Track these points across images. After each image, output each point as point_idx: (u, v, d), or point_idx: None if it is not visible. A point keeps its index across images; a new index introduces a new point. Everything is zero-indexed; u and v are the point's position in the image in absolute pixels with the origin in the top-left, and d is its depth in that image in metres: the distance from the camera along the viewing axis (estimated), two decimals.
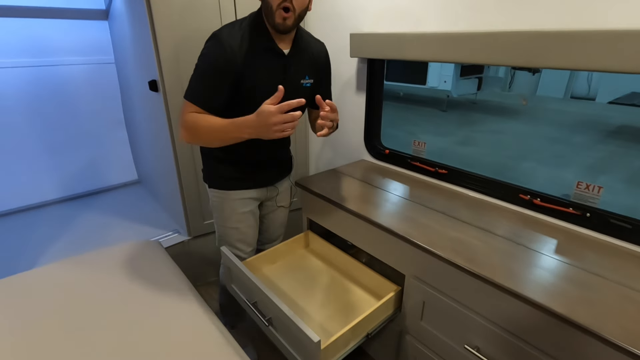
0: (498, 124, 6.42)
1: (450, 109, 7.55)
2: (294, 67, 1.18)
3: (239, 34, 1.09)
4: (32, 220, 2.11)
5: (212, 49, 1.08)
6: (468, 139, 5.73)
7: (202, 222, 1.91)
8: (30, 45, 1.96)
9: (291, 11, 1.04)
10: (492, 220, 1.21)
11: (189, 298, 1.00)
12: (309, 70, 1.23)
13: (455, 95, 7.35)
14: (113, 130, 2.44)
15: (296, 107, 0.96)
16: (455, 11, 1.25)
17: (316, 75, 1.26)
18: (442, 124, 6.88)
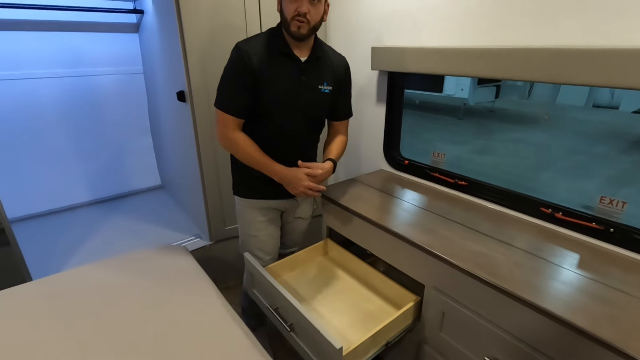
0: (517, 132, 6.34)
1: (467, 117, 7.49)
2: (311, 72, 1.26)
3: (257, 42, 1.21)
4: (63, 222, 2.21)
5: (233, 57, 1.20)
6: (486, 147, 5.67)
7: (223, 227, 1.97)
8: (66, 57, 2.08)
9: (305, 21, 1.13)
10: (513, 234, 1.21)
11: (215, 301, 1.04)
12: (327, 77, 1.29)
13: (472, 103, 7.28)
14: (139, 137, 2.54)
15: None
16: (476, 27, 1.27)
17: (335, 84, 1.32)
18: (458, 132, 6.83)
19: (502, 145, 5.68)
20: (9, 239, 1.45)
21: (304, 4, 1.11)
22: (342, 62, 1.35)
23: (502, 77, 1.18)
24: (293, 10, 1.13)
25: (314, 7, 1.14)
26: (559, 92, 7.85)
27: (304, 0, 1.11)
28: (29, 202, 2.22)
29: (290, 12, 1.13)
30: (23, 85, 1.98)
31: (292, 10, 1.13)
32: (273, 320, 1.25)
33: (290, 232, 1.59)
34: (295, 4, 1.12)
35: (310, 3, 1.12)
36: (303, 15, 1.12)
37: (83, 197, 2.41)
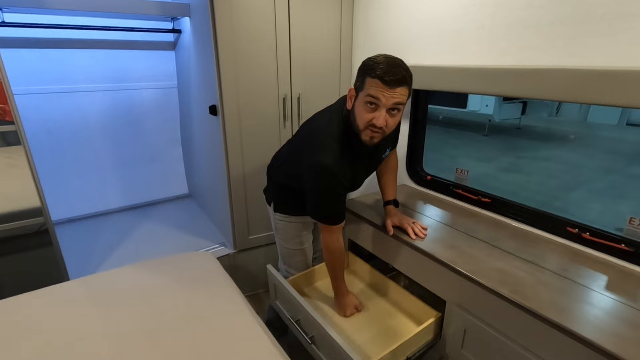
0: (545, 150, 6.17)
1: (492, 134, 7.36)
2: (376, 150, 1.26)
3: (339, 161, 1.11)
4: (99, 226, 2.34)
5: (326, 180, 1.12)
6: (512, 165, 5.55)
7: (247, 237, 2.02)
8: (110, 72, 2.25)
9: (380, 132, 1.05)
10: (538, 253, 1.20)
11: (242, 308, 1.09)
12: (388, 142, 1.31)
13: (498, 119, 7.17)
14: (170, 147, 2.67)
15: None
16: (501, 47, 1.30)
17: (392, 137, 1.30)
18: (483, 148, 6.72)
19: (530, 163, 5.54)
20: (52, 239, 1.56)
21: (381, 117, 1.01)
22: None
23: (527, 97, 1.19)
24: (368, 120, 1.03)
25: (393, 117, 1.04)
26: (590, 110, 7.62)
27: (382, 112, 1.01)
28: (70, 205, 2.37)
29: (365, 120, 1.04)
30: (71, 98, 2.15)
31: (368, 119, 1.03)
32: (295, 332, 1.28)
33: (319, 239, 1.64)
34: (371, 114, 1.02)
35: (389, 114, 1.02)
36: (379, 127, 1.03)
37: (117, 203, 2.55)
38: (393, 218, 1.36)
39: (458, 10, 1.41)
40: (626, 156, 5.48)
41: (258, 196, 1.96)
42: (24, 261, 1.54)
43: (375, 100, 1.00)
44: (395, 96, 0.99)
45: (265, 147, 1.89)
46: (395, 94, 0.98)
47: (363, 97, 1.03)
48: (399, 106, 1.02)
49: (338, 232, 1.25)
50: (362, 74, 1.03)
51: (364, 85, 1.02)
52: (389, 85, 0.97)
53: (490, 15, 1.31)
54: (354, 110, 1.08)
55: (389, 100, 0.99)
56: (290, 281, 1.44)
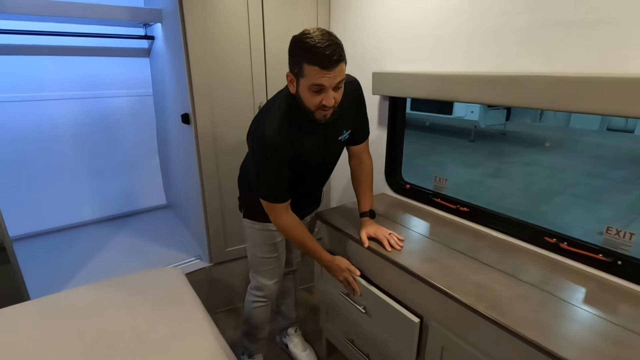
0: (529, 155, 6.24)
1: (478, 140, 7.43)
2: (333, 128, 1.22)
3: (281, 129, 1.10)
4: (70, 239, 2.24)
5: (265, 152, 1.11)
6: (498, 170, 5.59)
7: (224, 249, 1.95)
8: (81, 80, 2.17)
9: (331, 109, 1.06)
10: (517, 264, 1.16)
11: (204, 329, 1.02)
12: (345, 124, 1.26)
13: (483, 125, 7.24)
14: (147, 157, 2.59)
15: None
16: (477, 54, 1.27)
17: (352, 121, 1.27)
18: (470, 154, 6.77)
19: (514, 168, 5.59)
20: (9, 257, 1.46)
21: (329, 96, 1.02)
22: (354, 92, 1.24)
23: (502, 104, 1.16)
24: (318, 103, 1.03)
25: (337, 94, 1.05)
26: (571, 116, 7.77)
27: (329, 92, 1.01)
28: (39, 218, 2.26)
29: (314, 104, 1.04)
30: (40, 106, 2.06)
31: (317, 102, 1.03)
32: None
33: (294, 250, 1.63)
34: (319, 96, 1.02)
35: (335, 91, 1.03)
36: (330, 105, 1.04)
37: (91, 215, 2.45)
38: (369, 229, 1.31)
39: (435, 17, 1.39)
40: (606, 160, 5.58)
41: (234, 207, 1.89)
42: None
43: (320, 87, 1.00)
44: (337, 76, 1.00)
45: (241, 156, 1.82)
46: (335, 73, 0.99)
47: (306, 85, 1.02)
48: (342, 83, 1.04)
49: (282, 211, 1.20)
50: (298, 60, 1.00)
51: (303, 72, 1.00)
52: (328, 69, 0.97)
53: (466, 21, 1.28)
54: (299, 95, 1.07)
55: (332, 81, 1.00)
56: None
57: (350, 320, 1.45)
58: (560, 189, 4.45)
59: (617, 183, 4.65)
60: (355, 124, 1.30)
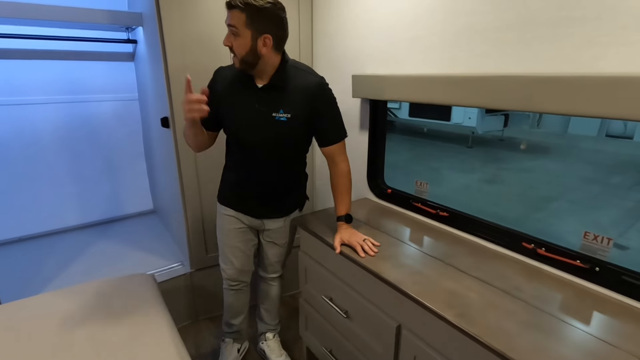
0: (527, 161, 6.19)
1: (476, 146, 7.40)
2: (266, 100, 1.23)
3: (232, 68, 1.25)
4: (52, 245, 2.21)
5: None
6: (494, 176, 5.54)
7: (205, 254, 1.92)
8: (64, 84, 2.15)
9: (234, 55, 1.17)
10: (492, 271, 1.12)
11: (165, 341, 0.98)
12: (284, 104, 1.23)
13: (481, 132, 7.21)
14: (133, 162, 2.57)
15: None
16: (451, 54, 1.25)
17: (298, 111, 1.23)
18: (467, 160, 6.72)
19: (511, 174, 5.55)
20: None
21: (225, 38, 1.14)
22: (310, 84, 1.23)
23: (480, 106, 1.13)
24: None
25: (235, 40, 1.13)
26: (570, 122, 7.74)
27: (227, 34, 1.14)
28: (21, 225, 2.23)
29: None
30: (20, 111, 2.05)
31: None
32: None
33: (265, 257, 1.58)
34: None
35: (232, 36, 1.13)
36: (230, 48, 1.15)
37: (75, 221, 2.42)
38: (343, 235, 1.28)
39: (410, 18, 1.37)
40: (605, 166, 5.53)
41: (215, 212, 1.86)
42: None
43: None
44: (228, 18, 1.11)
45: (221, 160, 1.81)
46: (228, 15, 1.11)
47: None
48: (232, 29, 1.11)
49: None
50: None
51: None
52: (227, 8, 1.10)
53: (439, 21, 1.26)
54: None
55: (226, 21, 1.12)
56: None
57: (332, 326, 1.41)
58: (557, 195, 4.40)
59: (615, 189, 4.60)
60: (318, 122, 1.28)
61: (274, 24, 1.14)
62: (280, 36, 1.17)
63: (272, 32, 1.13)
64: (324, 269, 1.40)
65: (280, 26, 1.16)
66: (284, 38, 1.20)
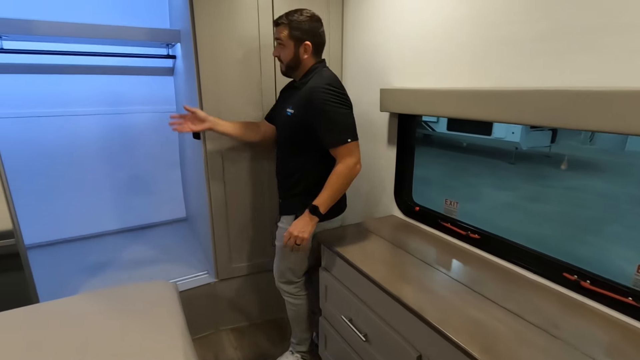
0: (576, 180, 5.75)
1: (519, 162, 7.00)
2: (288, 97, 1.48)
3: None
4: (90, 247, 2.34)
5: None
6: (538, 194, 5.19)
7: (229, 265, 1.93)
8: (107, 97, 2.31)
9: (281, 62, 1.42)
10: (526, 301, 1.02)
11: (174, 351, 0.98)
12: (294, 102, 1.40)
13: (525, 147, 6.82)
14: (169, 171, 2.68)
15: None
16: (482, 68, 1.18)
17: (299, 109, 1.36)
18: (508, 177, 6.37)
19: (558, 192, 5.17)
20: (23, 264, 1.53)
21: (275, 49, 1.41)
22: (307, 89, 1.32)
23: (512, 122, 1.06)
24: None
25: (282, 50, 1.37)
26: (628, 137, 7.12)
27: (276, 46, 1.39)
28: (64, 227, 2.39)
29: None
30: (68, 122, 2.21)
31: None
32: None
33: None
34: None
35: (279, 47, 1.38)
36: (277, 57, 1.41)
37: (113, 225, 2.55)
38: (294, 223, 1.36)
39: (440, 30, 1.32)
40: None
41: (241, 223, 1.89)
42: None
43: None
44: (275, 33, 1.38)
45: (248, 173, 1.83)
46: (275, 31, 1.38)
47: None
48: (279, 41, 1.36)
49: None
50: None
51: None
52: (274, 26, 1.39)
53: (470, 33, 1.21)
54: None
55: (275, 36, 1.39)
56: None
57: (350, 348, 1.35)
58: (609, 217, 4.03)
59: None
60: (312, 125, 1.32)
61: (311, 33, 1.34)
62: (317, 43, 1.37)
63: (310, 40, 1.34)
64: (345, 287, 1.35)
65: (317, 34, 1.36)
66: (321, 44, 1.40)
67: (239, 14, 1.63)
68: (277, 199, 1.90)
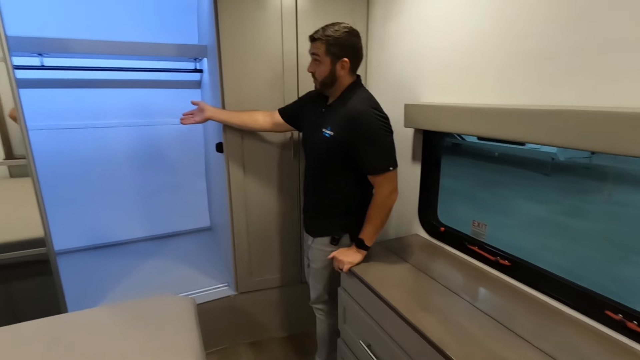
0: (621, 194, 5.34)
1: (555, 174, 6.62)
2: (324, 116, 1.37)
3: (307, 94, 1.56)
4: (119, 254, 2.43)
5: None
6: (577, 209, 4.86)
7: (250, 278, 1.93)
8: (138, 109, 2.40)
9: (315, 79, 1.35)
10: (560, 340, 0.93)
11: None
12: (333, 123, 1.32)
13: (562, 158, 6.45)
14: (194, 181, 2.73)
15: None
16: (514, 84, 1.11)
17: (340, 131, 1.29)
18: (543, 189, 6.01)
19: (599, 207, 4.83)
20: (52, 269, 1.60)
21: (310, 65, 1.34)
22: (351, 112, 1.26)
23: (544, 143, 0.98)
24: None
25: (317, 66, 1.31)
26: None
27: (311, 62, 1.33)
28: (95, 233, 2.48)
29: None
30: (101, 133, 2.32)
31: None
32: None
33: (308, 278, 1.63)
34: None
35: (314, 63, 1.31)
36: (312, 74, 1.34)
37: (140, 233, 2.63)
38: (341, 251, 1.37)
39: (469, 44, 1.26)
40: None
41: (262, 236, 1.88)
42: (23, 289, 1.59)
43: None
44: (312, 48, 1.31)
45: (271, 187, 1.83)
46: (310, 47, 1.31)
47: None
48: (315, 57, 1.30)
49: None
50: None
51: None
52: (310, 41, 1.31)
53: (500, 47, 1.14)
54: None
55: (310, 51, 1.32)
56: None
57: None
58: None
59: None
60: (355, 148, 1.29)
61: (349, 49, 1.28)
62: (355, 59, 1.31)
63: (348, 56, 1.28)
64: (363, 311, 1.30)
65: (355, 50, 1.30)
66: (359, 60, 1.34)
67: (263, 29, 1.63)
68: (297, 212, 1.90)
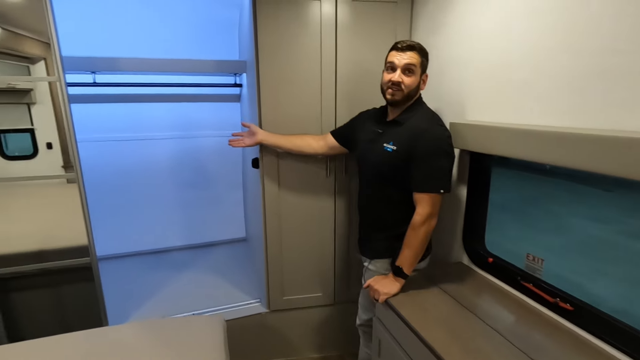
0: None
1: (617, 189, 6.02)
2: (386, 132, 1.34)
3: (365, 113, 1.54)
4: (157, 262, 2.50)
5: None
6: None
7: (281, 297, 1.89)
8: (179, 122, 2.49)
9: (399, 89, 1.26)
10: None
11: None
12: (397, 138, 1.29)
13: None
14: (232, 192, 2.77)
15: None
16: (576, 105, 0.97)
17: (403, 145, 1.27)
18: (602, 206, 5.45)
19: None
20: (94, 276, 1.66)
21: (396, 75, 1.26)
22: (419, 129, 1.26)
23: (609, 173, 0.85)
24: (387, 80, 1.28)
25: (408, 77, 1.26)
26: None
27: (397, 72, 1.26)
28: (137, 241, 2.58)
29: (384, 81, 1.30)
30: (144, 145, 2.42)
31: (387, 79, 1.28)
32: None
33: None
34: (389, 75, 1.28)
35: (403, 74, 1.25)
36: (397, 84, 1.26)
37: (178, 242, 2.70)
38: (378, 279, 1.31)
39: (524, 57, 1.14)
40: None
41: (296, 255, 1.84)
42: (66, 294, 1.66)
43: (391, 64, 1.27)
44: (406, 57, 1.24)
45: (305, 205, 1.79)
46: (405, 55, 1.24)
47: (384, 68, 1.31)
48: (411, 67, 1.25)
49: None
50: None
51: (386, 60, 1.30)
52: (399, 51, 1.25)
53: (562, 62, 1.01)
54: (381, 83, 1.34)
55: (401, 60, 1.24)
56: None
57: None
58: None
59: None
60: (412, 164, 1.26)
61: (427, 66, 1.31)
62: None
63: (427, 72, 1.31)
64: (400, 348, 1.20)
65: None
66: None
67: (302, 45, 1.61)
68: (331, 232, 1.83)
